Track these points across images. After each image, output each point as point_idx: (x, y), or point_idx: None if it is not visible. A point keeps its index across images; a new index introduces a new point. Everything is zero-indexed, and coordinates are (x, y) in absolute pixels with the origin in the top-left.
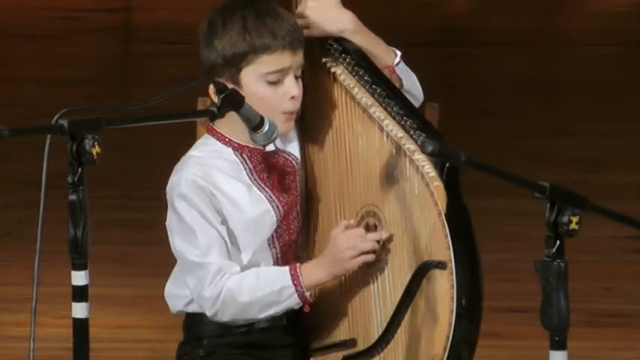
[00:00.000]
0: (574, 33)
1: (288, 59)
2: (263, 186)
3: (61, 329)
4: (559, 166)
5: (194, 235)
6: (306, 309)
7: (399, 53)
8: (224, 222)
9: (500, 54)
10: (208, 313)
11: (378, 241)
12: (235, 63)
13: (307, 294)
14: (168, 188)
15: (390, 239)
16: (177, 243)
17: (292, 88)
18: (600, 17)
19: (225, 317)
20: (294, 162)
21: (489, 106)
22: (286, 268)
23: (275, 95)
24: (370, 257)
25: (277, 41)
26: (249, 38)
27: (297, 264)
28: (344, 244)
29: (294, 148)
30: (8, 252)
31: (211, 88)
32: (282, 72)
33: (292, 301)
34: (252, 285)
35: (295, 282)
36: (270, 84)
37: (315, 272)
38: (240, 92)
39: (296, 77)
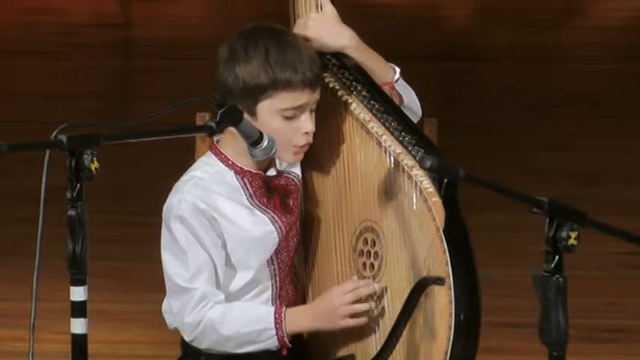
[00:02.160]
0: (574, 48)
1: (307, 97)
2: (265, 208)
3: (60, 345)
4: (558, 181)
5: (185, 257)
6: (284, 352)
7: (398, 70)
8: (224, 245)
9: (499, 69)
10: (186, 339)
11: (372, 295)
12: (254, 94)
13: (287, 339)
14: (165, 208)
15: (385, 289)
16: (167, 264)
17: (307, 124)
18: (600, 32)
19: (202, 345)
20: (296, 180)
21: (488, 121)
22: (272, 310)
23: (289, 129)
24: (362, 321)
25: (298, 77)
26: (271, 72)
27: (284, 308)
28: (338, 300)
29: (295, 167)
30: (7, 267)
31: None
32: (299, 109)
33: (270, 343)
34: (236, 320)
35: (277, 326)
36: (285, 118)
37: (301, 320)
38: (254, 122)
39: (311, 111)
